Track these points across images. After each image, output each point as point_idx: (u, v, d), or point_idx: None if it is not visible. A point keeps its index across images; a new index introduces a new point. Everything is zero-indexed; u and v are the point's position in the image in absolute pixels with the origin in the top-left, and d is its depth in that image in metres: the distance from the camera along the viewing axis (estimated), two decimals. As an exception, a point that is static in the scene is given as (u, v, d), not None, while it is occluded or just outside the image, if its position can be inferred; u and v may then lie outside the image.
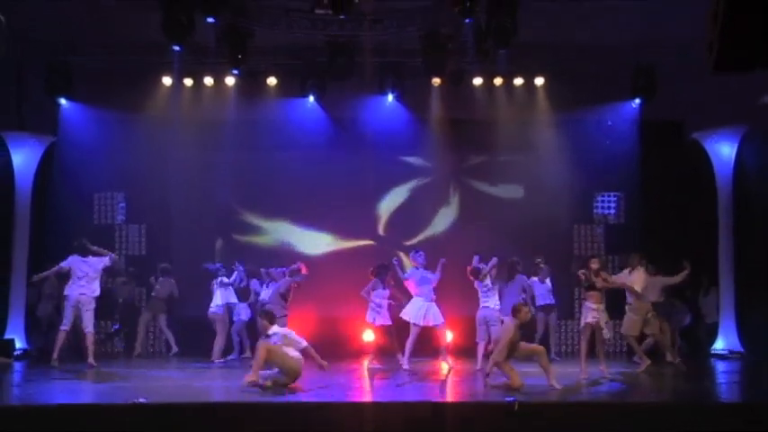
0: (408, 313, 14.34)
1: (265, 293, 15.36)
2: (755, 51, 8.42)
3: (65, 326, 14.69)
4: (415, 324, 14.24)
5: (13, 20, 8.53)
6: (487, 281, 14.33)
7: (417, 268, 14.51)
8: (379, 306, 14.50)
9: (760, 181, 16.10)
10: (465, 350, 15.55)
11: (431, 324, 14.27)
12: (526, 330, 12.64)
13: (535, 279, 15.72)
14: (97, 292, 14.89)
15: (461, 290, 14.94)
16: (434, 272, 14.40)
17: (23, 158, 16.84)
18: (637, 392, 12.41)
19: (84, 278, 14.70)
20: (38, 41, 15.74)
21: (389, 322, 14.66)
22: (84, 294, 14.65)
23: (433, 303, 14.34)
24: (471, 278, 14.23)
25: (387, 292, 14.64)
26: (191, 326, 15.89)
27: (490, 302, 14.27)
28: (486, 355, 13.97)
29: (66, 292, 14.73)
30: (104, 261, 14.96)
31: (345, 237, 17.44)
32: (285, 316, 14.17)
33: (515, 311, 11.88)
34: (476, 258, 14.39)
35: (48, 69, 16.59)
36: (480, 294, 14.34)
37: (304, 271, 14.57)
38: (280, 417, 10.14)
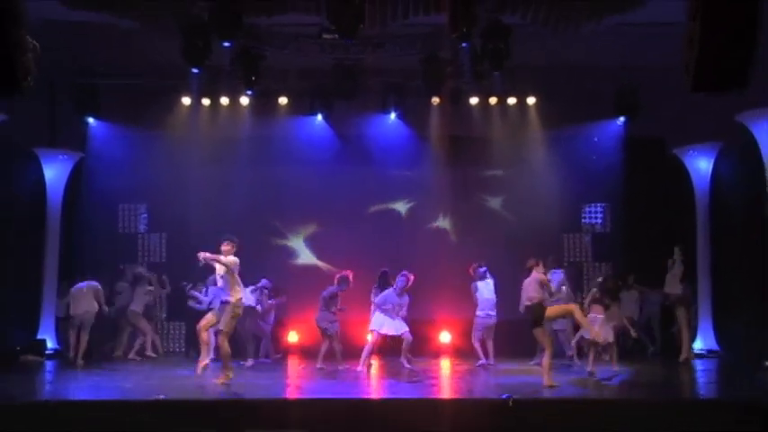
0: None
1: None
2: (730, 73, 8.47)
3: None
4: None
5: (46, 45, 8.56)
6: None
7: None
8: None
9: (734, 193, 16.13)
10: (462, 350, 15.62)
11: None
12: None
13: None
14: (95, 309, 15.53)
15: (458, 294, 15.00)
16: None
17: (55, 173, 16.92)
18: (628, 389, 12.42)
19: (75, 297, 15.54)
20: (68, 65, 15.82)
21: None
22: (87, 312, 15.42)
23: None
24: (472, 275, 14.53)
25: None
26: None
27: (488, 309, 14.40)
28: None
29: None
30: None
31: (350, 245, 17.38)
32: (335, 321, 14.33)
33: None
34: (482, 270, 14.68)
35: (77, 90, 16.74)
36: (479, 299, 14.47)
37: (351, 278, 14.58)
38: (287, 413, 10.23)
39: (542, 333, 11.94)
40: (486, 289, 14.59)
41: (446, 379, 13.71)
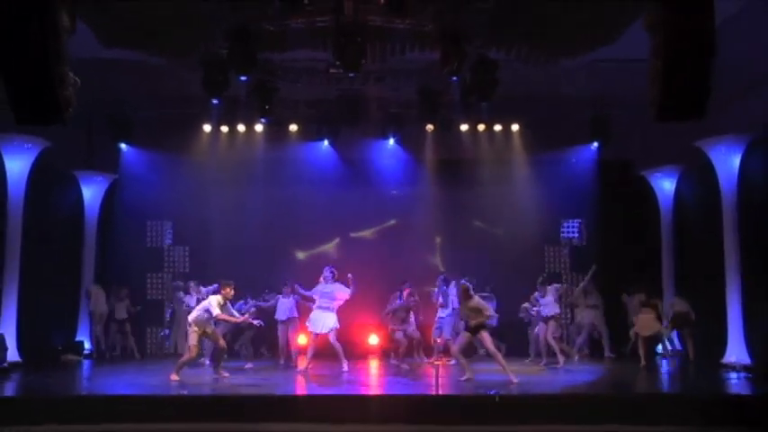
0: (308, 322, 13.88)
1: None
2: (689, 105, 8.60)
3: None
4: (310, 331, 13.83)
5: (85, 80, 8.69)
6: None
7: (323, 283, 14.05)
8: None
9: (694, 209, 16.25)
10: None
11: (318, 331, 13.64)
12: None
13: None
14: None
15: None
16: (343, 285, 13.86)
17: (91, 193, 17.10)
18: (605, 386, 12.53)
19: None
20: (104, 97, 15.89)
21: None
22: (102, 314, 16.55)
23: (326, 312, 13.71)
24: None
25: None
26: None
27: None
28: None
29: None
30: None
31: (352, 257, 17.38)
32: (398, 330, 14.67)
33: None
34: (440, 278, 15.23)
35: (111, 120, 16.82)
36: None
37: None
38: (297, 407, 10.30)
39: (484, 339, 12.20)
40: (452, 294, 14.87)
41: (439, 377, 13.74)
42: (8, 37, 7.76)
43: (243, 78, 13.72)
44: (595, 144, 17.40)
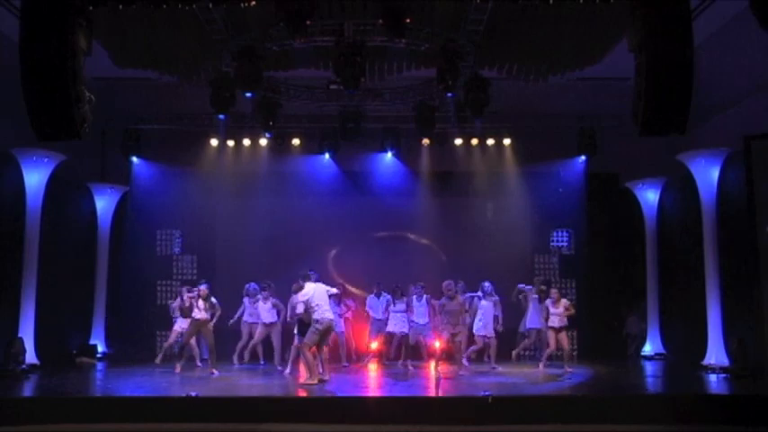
0: None
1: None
2: (671, 120, 8.71)
3: None
4: None
5: (99, 96, 8.78)
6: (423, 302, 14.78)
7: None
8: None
9: (676, 219, 16.31)
10: (450, 355, 15.66)
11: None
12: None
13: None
14: None
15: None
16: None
17: (104, 204, 17.12)
18: (589, 387, 12.53)
19: None
20: (116, 113, 16.03)
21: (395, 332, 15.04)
22: None
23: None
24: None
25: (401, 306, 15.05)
26: (230, 335, 15.72)
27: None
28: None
29: None
30: None
31: (351, 265, 17.43)
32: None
33: None
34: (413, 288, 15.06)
35: (123, 134, 16.90)
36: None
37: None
38: (297, 409, 10.31)
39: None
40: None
41: (435, 380, 13.75)
42: (30, 59, 7.88)
43: (248, 95, 13.79)
44: (583, 157, 17.41)
